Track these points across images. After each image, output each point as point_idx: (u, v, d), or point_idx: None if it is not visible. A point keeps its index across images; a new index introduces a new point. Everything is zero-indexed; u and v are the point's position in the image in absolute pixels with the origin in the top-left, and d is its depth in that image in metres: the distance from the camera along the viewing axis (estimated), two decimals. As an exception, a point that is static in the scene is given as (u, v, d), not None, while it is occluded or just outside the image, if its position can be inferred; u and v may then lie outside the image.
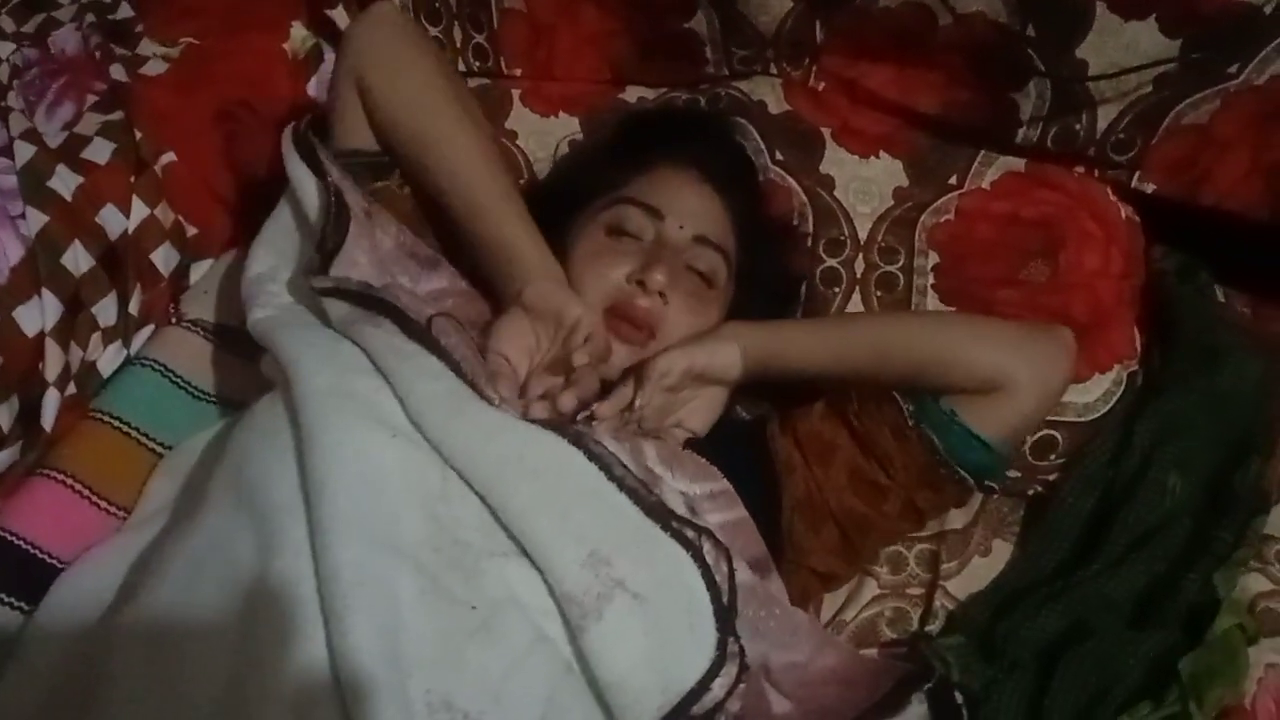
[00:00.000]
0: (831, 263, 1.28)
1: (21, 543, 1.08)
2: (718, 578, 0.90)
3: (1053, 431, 1.19)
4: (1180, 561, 1.03)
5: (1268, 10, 1.09)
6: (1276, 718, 0.98)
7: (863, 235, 1.28)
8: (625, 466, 0.93)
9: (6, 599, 1.04)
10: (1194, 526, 1.05)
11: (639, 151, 1.23)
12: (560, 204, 1.21)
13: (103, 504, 1.13)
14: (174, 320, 1.28)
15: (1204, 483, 1.08)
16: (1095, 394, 1.19)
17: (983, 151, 1.28)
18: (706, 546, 0.91)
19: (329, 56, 1.44)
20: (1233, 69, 1.14)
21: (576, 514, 0.90)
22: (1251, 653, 1.00)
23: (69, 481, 1.12)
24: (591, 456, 0.93)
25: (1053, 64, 1.17)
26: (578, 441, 0.93)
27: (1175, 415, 1.13)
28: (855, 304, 1.26)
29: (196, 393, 1.23)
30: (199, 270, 1.33)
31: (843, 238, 1.28)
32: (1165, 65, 1.14)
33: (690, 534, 0.91)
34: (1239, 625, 1.01)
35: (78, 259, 1.15)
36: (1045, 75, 1.19)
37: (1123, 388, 1.20)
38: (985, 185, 1.27)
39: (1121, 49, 1.14)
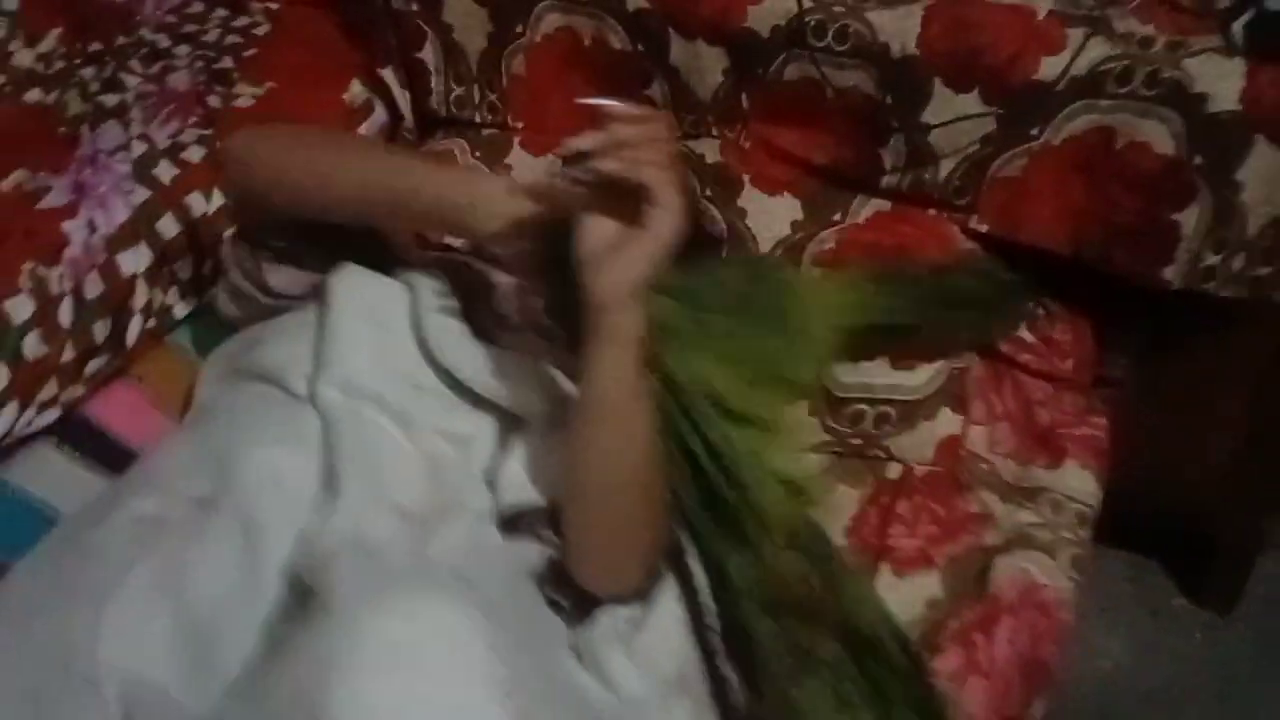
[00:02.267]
0: (735, 269, 1.63)
1: (102, 426, 1.48)
2: None
3: (888, 409, 1.52)
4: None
5: (1059, 86, 1.45)
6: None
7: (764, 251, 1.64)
8: None
9: (89, 464, 1.44)
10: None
11: None
12: None
13: (161, 405, 1.52)
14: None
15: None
16: (921, 379, 1.53)
17: (859, 195, 1.65)
18: None
19: (377, 107, 1.86)
20: (1035, 131, 1.49)
21: None
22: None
23: (140, 387, 1.52)
24: None
25: (906, 125, 1.54)
26: None
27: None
28: (751, 306, 1.61)
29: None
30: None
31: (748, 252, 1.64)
32: (986, 128, 1.50)
33: None
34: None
35: (168, 227, 1.55)
36: (901, 133, 1.56)
37: (944, 377, 1.54)
38: (860, 220, 1.63)
39: (954, 114, 1.51)
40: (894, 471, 1.51)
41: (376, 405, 1.23)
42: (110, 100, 1.68)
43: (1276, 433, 1.71)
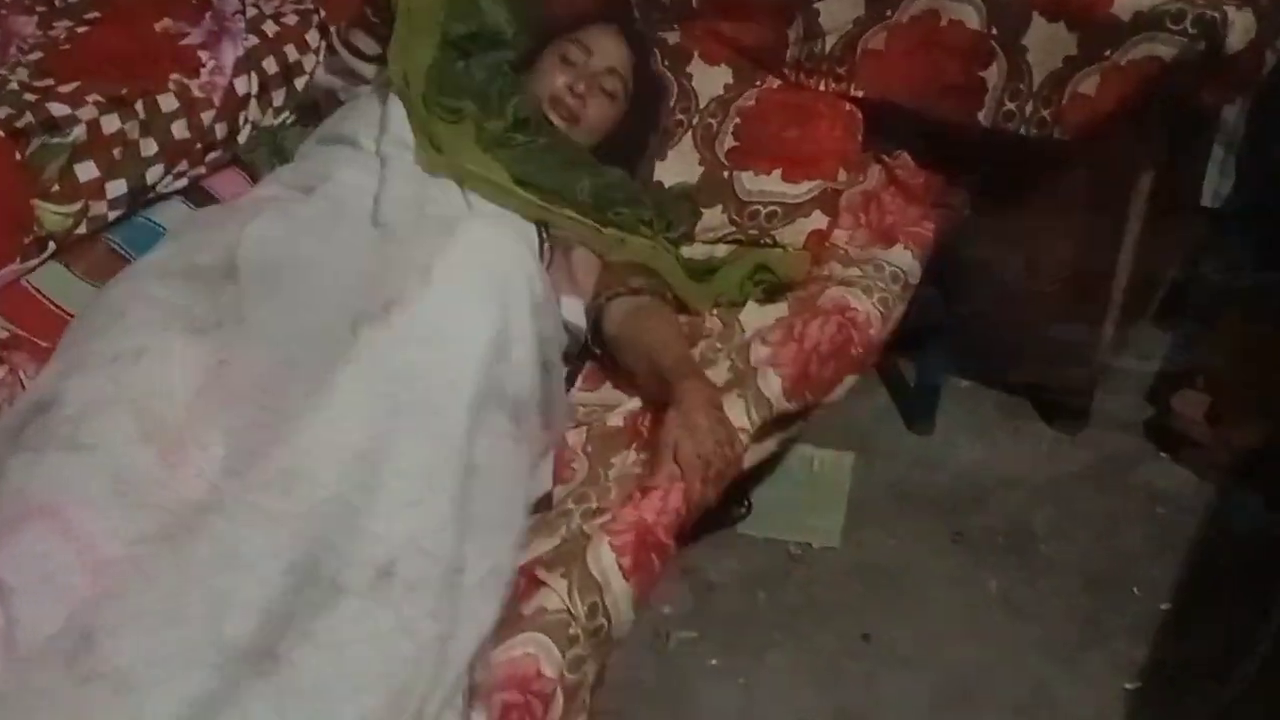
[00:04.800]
0: (681, 116, 2.45)
1: (215, 195, 2.32)
2: None
3: (775, 207, 2.31)
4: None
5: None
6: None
7: (702, 105, 2.45)
8: None
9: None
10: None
11: (585, 13, 2.34)
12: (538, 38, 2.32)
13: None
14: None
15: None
16: (802, 190, 2.31)
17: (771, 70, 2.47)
18: None
19: None
20: (889, 13, 2.30)
21: None
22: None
23: (244, 174, 2.36)
24: None
25: (803, 9, 2.36)
26: None
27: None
28: (687, 141, 2.42)
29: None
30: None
31: (690, 106, 2.44)
32: (857, 10, 2.32)
33: None
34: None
35: (270, 64, 2.40)
36: (800, 16, 2.37)
37: (819, 191, 2.32)
38: (773, 86, 2.45)
39: (836, -2, 2.34)
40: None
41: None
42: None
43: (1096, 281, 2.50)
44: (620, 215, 2.14)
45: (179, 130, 2.20)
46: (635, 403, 1.96)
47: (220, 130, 2.29)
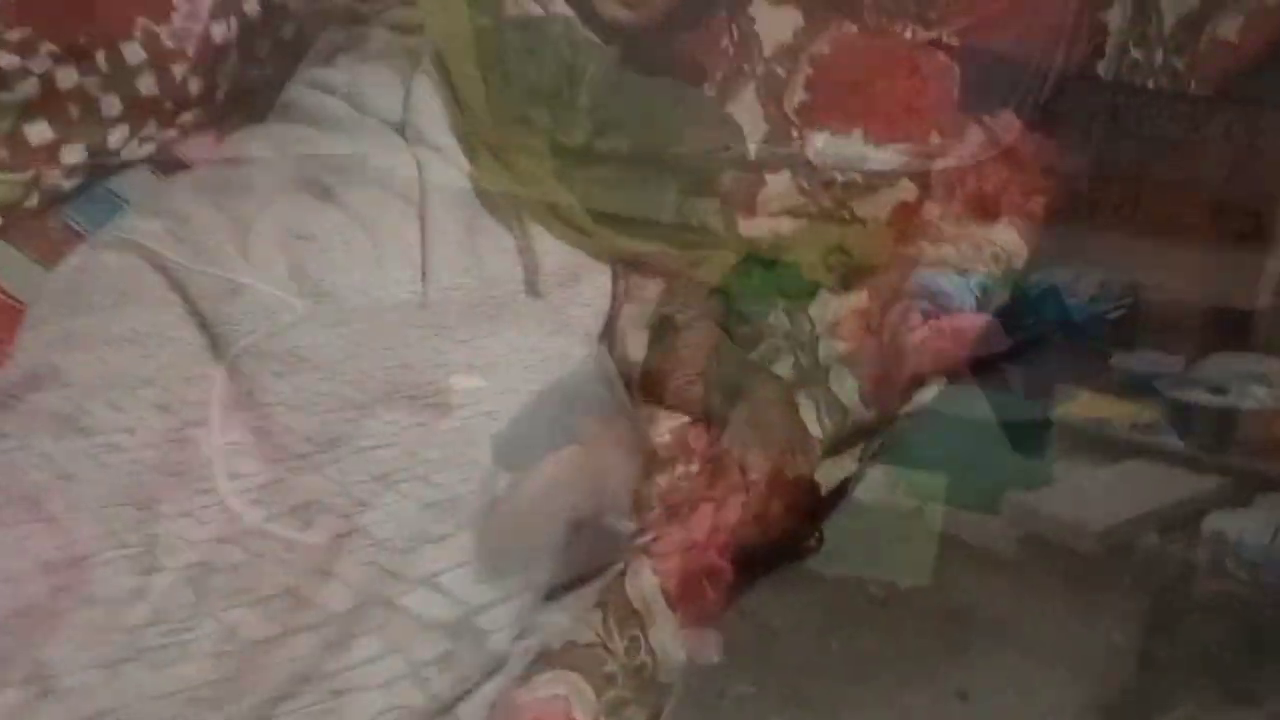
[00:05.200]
0: (742, 65, 2.22)
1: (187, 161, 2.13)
2: None
3: (855, 175, 2.11)
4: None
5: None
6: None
7: (767, 54, 2.23)
8: None
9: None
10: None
11: None
12: None
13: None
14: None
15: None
16: (888, 155, 2.09)
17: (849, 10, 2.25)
18: None
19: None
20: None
21: None
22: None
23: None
24: None
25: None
26: None
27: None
28: (749, 94, 2.21)
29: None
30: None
31: (752, 53, 2.21)
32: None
33: None
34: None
35: (252, 6, 2.21)
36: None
37: (910, 156, 2.11)
38: (852, 32, 2.24)
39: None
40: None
41: None
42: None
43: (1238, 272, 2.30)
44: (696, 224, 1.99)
45: (146, 86, 2.02)
46: (683, 418, 1.77)
47: (195, 86, 2.08)
